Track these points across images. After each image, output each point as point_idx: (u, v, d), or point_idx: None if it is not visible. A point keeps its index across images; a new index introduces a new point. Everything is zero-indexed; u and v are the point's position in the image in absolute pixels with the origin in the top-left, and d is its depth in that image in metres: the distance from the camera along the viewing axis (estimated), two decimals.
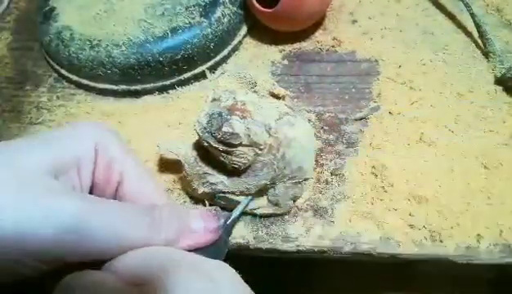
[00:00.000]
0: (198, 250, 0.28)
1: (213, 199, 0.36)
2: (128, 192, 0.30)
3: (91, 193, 0.29)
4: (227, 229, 0.32)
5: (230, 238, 0.34)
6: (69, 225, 0.23)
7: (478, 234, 0.34)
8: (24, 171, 0.25)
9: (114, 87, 0.44)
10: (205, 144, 0.32)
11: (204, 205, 0.37)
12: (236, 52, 0.47)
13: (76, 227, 0.23)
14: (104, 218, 0.25)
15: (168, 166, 0.39)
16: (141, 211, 0.27)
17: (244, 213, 0.36)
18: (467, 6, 0.46)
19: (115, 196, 0.30)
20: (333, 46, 0.47)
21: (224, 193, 0.35)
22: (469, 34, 0.46)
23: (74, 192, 0.27)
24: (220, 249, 0.30)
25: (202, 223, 0.28)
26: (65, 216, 0.23)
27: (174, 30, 0.43)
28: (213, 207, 0.37)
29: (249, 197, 0.35)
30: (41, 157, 0.26)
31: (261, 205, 0.36)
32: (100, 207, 0.25)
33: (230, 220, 0.33)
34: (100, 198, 0.27)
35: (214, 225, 0.29)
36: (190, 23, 0.43)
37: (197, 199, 0.37)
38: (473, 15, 0.45)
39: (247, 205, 0.35)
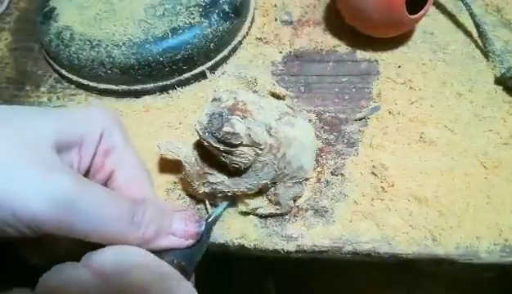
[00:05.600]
0: (175, 249, 0.29)
1: (213, 199, 0.36)
2: (120, 182, 0.30)
3: (85, 175, 0.30)
4: (207, 230, 0.32)
5: (232, 237, 0.35)
6: (59, 200, 0.24)
7: (478, 234, 0.34)
8: (27, 137, 0.25)
9: (115, 87, 0.44)
10: (206, 144, 0.32)
11: (205, 205, 0.37)
12: (236, 52, 0.47)
13: (65, 204, 0.24)
14: (92, 203, 0.25)
15: (169, 166, 0.39)
16: (127, 205, 0.27)
17: (244, 213, 0.36)
18: (467, 5, 0.46)
19: (106, 183, 0.31)
20: (333, 47, 0.47)
21: (225, 192, 0.35)
22: (468, 34, 0.46)
23: (71, 170, 0.27)
24: (198, 249, 0.30)
25: (183, 226, 0.29)
26: (58, 190, 0.24)
27: (174, 30, 0.43)
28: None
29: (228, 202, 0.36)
30: (47, 127, 0.26)
31: (261, 205, 0.36)
32: (91, 190, 0.26)
33: (210, 220, 0.33)
34: (92, 182, 0.27)
35: (195, 230, 0.30)
36: (190, 23, 0.43)
37: (198, 199, 0.37)
38: (472, 15, 0.45)
39: (226, 208, 0.36)
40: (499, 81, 0.42)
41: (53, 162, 0.25)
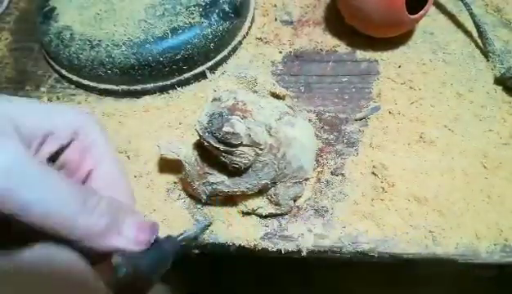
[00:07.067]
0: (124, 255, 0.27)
1: (212, 199, 0.36)
2: (97, 183, 0.29)
3: None
4: (174, 244, 0.30)
5: (232, 237, 0.35)
6: (5, 166, 0.22)
7: (478, 234, 0.34)
8: None
9: (115, 87, 0.44)
10: (206, 144, 0.32)
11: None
12: (236, 52, 0.47)
13: (12, 170, 0.22)
14: (39, 173, 0.23)
15: (169, 166, 0.39)
16: (80, 187, 0.25)
17: (244, 213, 0.36)
18: (467, 5, 0.46)
19: (83, 183, 0.29)
20: (333, 47, 0.47)
21: (225, 192, 0.35)
22: (468, 34, 0.46)
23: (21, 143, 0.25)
24: (155, 261, 0.28)
25: (133, 232, 0.27)
26: (6, 155, 0.22)
27: (174, 30, 0.43)
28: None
29: (209, 221, 0.36)
30: (8, 108, 0.25)
31: (261, 205, 0.36)
32: (42, 165, 0.24)
33: (181, 237, 0.31)
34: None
35: (145, 238, 0.27)
36: (190, 23, 0.43)
37: (198, 199, 0.38)
38: (472, 15, 0.45)
39: (204, 228, 0.35)
40: (499, 81, 0.42)
41: (6, 130, 0.23)
